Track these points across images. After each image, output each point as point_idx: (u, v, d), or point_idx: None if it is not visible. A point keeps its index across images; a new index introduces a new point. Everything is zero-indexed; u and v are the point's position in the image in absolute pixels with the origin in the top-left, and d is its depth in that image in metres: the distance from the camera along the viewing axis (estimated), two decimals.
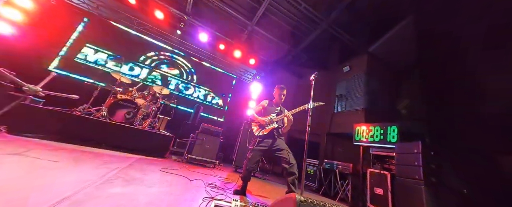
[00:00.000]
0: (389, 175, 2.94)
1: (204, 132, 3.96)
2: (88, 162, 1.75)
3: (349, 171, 3.78)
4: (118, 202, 0.96)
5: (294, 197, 0.58)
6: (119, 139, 3.15)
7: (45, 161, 1.55)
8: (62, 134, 2.78)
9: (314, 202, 0.58)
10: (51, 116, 2.89)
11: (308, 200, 0.58)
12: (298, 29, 6.83)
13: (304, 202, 0.57)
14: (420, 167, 2.28)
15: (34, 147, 1.93)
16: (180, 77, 6.78)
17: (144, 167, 2.12)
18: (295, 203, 0.56)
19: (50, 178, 1.14)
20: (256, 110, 2.11)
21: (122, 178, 1.41)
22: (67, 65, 5.13)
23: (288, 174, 1.80)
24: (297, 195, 0.58)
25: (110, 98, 3.67)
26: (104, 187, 1.13)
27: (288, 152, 1.90)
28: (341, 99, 7.31)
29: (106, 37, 5.73)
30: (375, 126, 3.52)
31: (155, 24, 6.23)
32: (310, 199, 0.59)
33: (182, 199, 1.29)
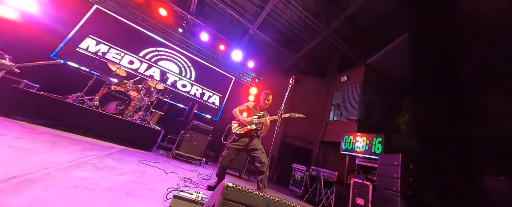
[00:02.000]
0: (371, 186, 2.93)
1: (194, 129, 3.99)
2: (66, 147, 1.78)
3: (334, 179, 3.77)
4: (74, 184, 0.98)
5: (223, 183, 0.60)
6: (107, 129, 3.19)
7: (25, 141, 1.59)
8: (51, 120, 2.83)
9: (241, 189, 0.61)
10: (42, 101, 2.94)
11: (236, 186, 0.61)
12: (298, 36, 6.94)
13: (232, 187, 0.60)
14: (398, 179, 2.28)
15: (19, 129, 1.97)
16: (178, 74, 6.87)
17: (123, 157, 2.14)
18: (223, 187, 0.59)
19: (19, 156, 1.18)
20: (240, 109, 2.16)
21: (93, 165, 1.44)
22: (68, 54, 5.24)
23: (259, 173, 1.82)
24: (226, 181, 0.61)
25: (104, 88, 3.73)
26: (69, 170, 1.16)
27: (262, 152, 1.93)
28: (337, 108, 7.34)
29: (109, 30, 5.87)
30: (362, 136, 3.53)
31: (158, 21, 6.38)
32: (238, 186, 0.61)
33: (146, 187, 1.31)
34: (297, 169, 4.86)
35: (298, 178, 4.73)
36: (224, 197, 0.59)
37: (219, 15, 6.45)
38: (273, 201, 0.63)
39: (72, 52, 5.30)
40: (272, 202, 0.62)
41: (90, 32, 5.60)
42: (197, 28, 6.41)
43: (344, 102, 6.94)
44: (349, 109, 6.61)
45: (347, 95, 6.92)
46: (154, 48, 6.58)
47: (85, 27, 5.54)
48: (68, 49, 5.28)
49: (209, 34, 6.41)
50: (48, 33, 4.99)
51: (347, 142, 3.88)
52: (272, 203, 0.62)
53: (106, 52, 5.69)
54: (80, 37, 5.47)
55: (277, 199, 0.64)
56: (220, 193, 0.60)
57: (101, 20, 5.80)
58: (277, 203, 0.63)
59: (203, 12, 6.58)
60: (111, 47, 5.85)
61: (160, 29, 6.67)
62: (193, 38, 6.89)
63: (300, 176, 4.69)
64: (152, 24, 6.50)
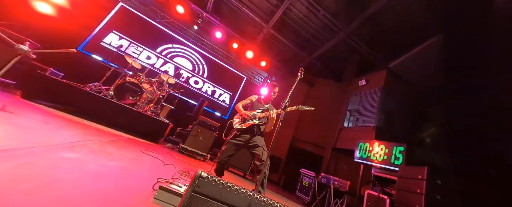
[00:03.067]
0: (388, 201, 2.59)
1: (200, 125, 3.96)
2: (71, 130, 1.81)
3: (346, 189, 3.44)
4: (57, 164, 0.94)
5: (196, 172, 0.48)
6: (118, 118, 3.28)
7: (34, 121, 1.64)
8: (69, 105, 2.98)
9: (217, 181, 0.48)
10: (63, 88, 3.12)
11: (211, 178, 0.48)
12: (314, 36, 6.68)
13: (205, 178, 0.47)
14: (423, 196, 1.95)
15: (36, 111, 2.07)
16: (192, 70, 7.01)
17: (125, 145, 2.14)
18: (195, 177, 0.46)
19: (18, 134, 1.18)
20: (244, 103, 2.03)
21: (89, 148, 1.42)
22: (93, 47, 5.63)
23: (258, 172, 1.66)
24: (200, 169, 0.49)
25: (119, 79, 3.88)
26: (59, 150, 1.13)
27: (263, 150, 1.76)
28: (353, 113, 6.87)
29: (131, 26, 6.21)
30: (380, 144, 3.18)
31: (176, 18, 6.59)
32: (214, 178, 0.48)
33: (136, 175, 1.24)
34: (305, 174, 4.58)
35: (306, 184, 4.44)
36: (194, 189, 0.46)
37: (234, 13, 6.47)
38: (257, 201, 0.49)
39: (96, 46, 5.69)
40: (255, 202, 0.48)
41: (113, 28, 5.98)
42: (212, 26, 6.50)
43: (361, 108, 6.46)
44: (366, 115, 6.13)
45: (365, 101, 6.44)
46: (171, 44, 6.81)
47: (109, 23, 5.93)
48: (94, 43, 5.68)
49: (223, 32, 6.45)
50: (77, 27, 5.42)
51: (362, 150, 3.54)
52: (255, 203, 0.48)
53: (126, 46, 6.02)
54: (105, 32, 5.86)
55: (262, 198, 0.50)
56: (190, 184, 0.47)
57: (124, 17, 6.16)
58: (262, 203, 0.48)
59: (218, 10, 6.66)
60: (132, 42, 6.17)
61: (177, 27, 6.89)
62: (207, 36, 7.00)
63: (308, 182, 4.40)
64: (170, 21, 6.74)
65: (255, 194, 0.51)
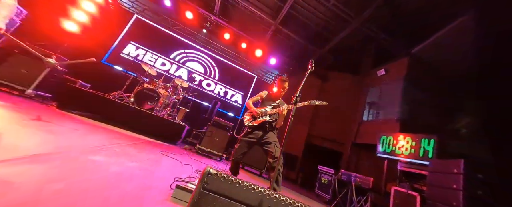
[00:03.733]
0: (419, 198, 2.37)
1: (215, 125, 4.05)
2: (99, 135, 1.97)
3: (369, 186, 3.23)
4: (84, 166, 1.02)
5: (204, 168, 0.47)
6: (139, 123, 3.49)
7: (65, 128, 1.82)
8: (96, 113, 3.26)
9: (227, 178, 0.46)
10: (91, 97, 3.41)
11: (220, 174, 0.46)
12: (325, 28, 6.39)
13: (214, 175, 0.46)
14: (460, 192, 1.75)
15: (68, 119, 2.29)
16: (204, 73, 7.21)
17: (146, 147, 2.27)
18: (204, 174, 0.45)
19: (51, 139, 1.31)
20: (254, 100, 2.01)
21: (113, 151, 1.53)
22: (114, 58, 6.09)
23: (272, 169, 1.62)
24: (208, 166, 0.48)
25: (138, 86, 4.14)
26: (87, 154, 1.23)
27: (275, 146, 1.72)
28: (373, 106, 6.46)
29: (146, 35, 6.58)
30: (406, 137, 2.92)
31: (186, 24, 6.82)
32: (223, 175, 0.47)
33: (154, 176, 1.30)
34: (324, 172, 4.42)
35: (325, 181, 4.29)
36: (203, 186, 0.45)
37: (241, 13, 6.48)
38: (268, 197, 0.46)
39: (117, 57, 6.14)
40: (266, 198, 0.45)
41: (131, 39, 6.39)
42: (220, 28, 6.59)
43: (382, 100, 6.03)
44: (388, 107, 5.71)
45: (386, 92, 6.00)
46: (183, 50, 7.07)
47: (127, 35, 6.35)
48: (115, 54, 6.13)
49: (231, 33, 6.51)
50: (100, 42, 5.90)
51: (385, 144, 3.29)
52: (266, 200, 0.45)
53: (143, 55, 6.40)
54: (123, 43, 6.29)
55: (275, 195, 0.47)
56: (199, 181, 0.47)
57: (140, 28, 6.55)
58: (274, 199, 0.46)
59: (226, 12, 6.72)
60: (147, 51, 6.54)
61: (188, 32, 7.13)
62: (216, 38, 7.11)
63: (327, 179, 4.24)
64: (181, 27, 6.99)
65: (266, 190, 0.49)
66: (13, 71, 2.81)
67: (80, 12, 5.22)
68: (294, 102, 1.29)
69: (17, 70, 2.82)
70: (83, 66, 4.36)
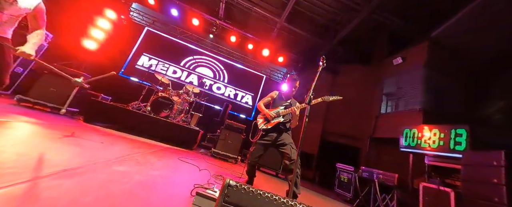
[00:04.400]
0: (453, 194, 2.18)
1: (228, 128, 4.09)
2: (121, 145, 2.09)
3: (394, 183, 3.05)
4: (111, 177, 1.08)
5: (224, 180, 0.46)
6: (156, 130, 3.65)
7: (90, 141, 1.95)
8: (117, 124, 3.46)
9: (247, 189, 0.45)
10: (112, 109, 3.64)
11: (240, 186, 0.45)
12: (332, 20, 6.16)
13: (234, 187, 0.45)
14: (503, 187, 1.57)
15: (93, 131, 2.47)
16: (213, 77, 7.34)
17: (165, 154, 2.36)
18: (224, 186, 0.45)
19: (80, 152, 1.42)
20: (265, 101, 1.99)
21: (136, 160, 1.61)
22: (130, 70, 6.45)
23: (289, 171, 1.59)
24: (228, 178, 0.47)
25: (153, 96, 4.33)
26: (113, 164, 1.30)
27: (291, 148, 1.68)
28: (391, 97, 6.10)
29: (157, 46, 6.88)
30: (432, 129, 2.71)
31: (193, 31, 7.00)
32: (243, 186, 0.46)
33: (175, 183, 1.34)
34: (342, 169, 4.27)
35: (345, 179, 4.13)
36: (224, 199, 0.45)
37: (246, 14, 6.49)
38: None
39: (132, 69, 6.48)
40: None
41: (144, 51, 6.72)
42: (226, 32, 6.67)
43: (401, 90, 5.67)
44: (408, 97, 5.35)
45: (404, 81, 5.63)
46: (192, 56, 7.27)
47: (140, 47, 6.69)
48: (130, 67, 6.49)
49: (237, 36, 6.55)
50: (116, 56, 6.28)
51: (409, 137, 3.08)
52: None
53: (155, 65, 6.70)
54: (137, 56, 6.63)
55: (299, 205, 0.45)
56: (220, 193, 0.46)
57: (151, 39, 6.86)
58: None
59: (230, 15, 6.78)
60: (159, 60, 6.82)
61: (195, 39, 7.31)
62: (223, 42, 7.21)
63: (347, 177, 4.09)
64: (189, 35, 7.20)
65: (289, 201, 0.47)
66: (44, 90, 3.10)
67: (98, 30, 5.61)
68: (307, 102, 1.25)
69: (47, 89, 3.10)
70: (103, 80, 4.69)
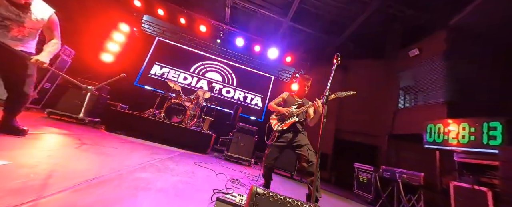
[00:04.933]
0: (491, 194, 1.99)
1: (240, 131, 4.11)
2: (140, 152, 2.17)
3: (420, 182, 2.85)
4: (136, 184, 1.12)
5: (251, 188, 0.45)
6: (171, 136, 3.76)
7: (112, 149, 2.06)
8: (135, 131, 3.63)
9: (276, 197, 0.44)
10: (130, 118, 3.82)
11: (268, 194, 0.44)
12: (340, 15, 6.00)
13: (262, 195, 0.44)
14: None
15: (114, 140, 2.60)
16: (222, 81, 7.45)
17: (181, 160, 2.42)
18: (251, 194, 0.44)
19: (106, 161, 1.49)
20: (276, 102, 1.96)
21: (156, 167, 1.66)
22: (144, 80, 6.75)
23: (307, 174, 1.54)
24: (254, 186, 0.46)
25: (166, 102, 4.49)
26: (136, 172, 1.36)
27: (308, 149, 1.63)
28: (408, 91, 5.77)
29: (168, 54, 7.15)
30: (460, 123, 2.50)
31: (201, 38, 7.19)
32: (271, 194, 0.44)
33: (195, 188, 1.36)
34: (361, 169, 4.09)
35: (364, 180, 3.95)
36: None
37: (251, 17, 6.54)
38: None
39: (146, 78, 6.79)
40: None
41: (156, 60, 7.01)
42: (233, 35, 6.76)
43: (419, 82, 5.34)
44: (428, 90, 5.02)
45: (422, 73, 5.30)
46: (201, 62, 7.45)
47: (152, 56, 6.99)
48: (144, 76, 6.80)
49: (244, 38, 6.61)
50: (131, 66, 6.62)
51: (433, 133, 2.87)
52: None
53: (167, 73, 6.95)
54: (150, 65, 6.94)
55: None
56: (248, 202, 0.45)
57: (162, 48, 7.15)
58: None
59: (236, 19, 6.87)
60: (171, 68, 7.08)
61: (203, 45, 7.50)
62: (230, 45, 7.31)
63: (367, 177, 3.90)
64: (197, 41, 7.40)
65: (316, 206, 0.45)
66: (70, 102, 3.34)
67: (113, 44, 5.96)
68: (324, 102, 1.21)
69: (72, 102, 3.34)
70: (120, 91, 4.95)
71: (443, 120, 2.79)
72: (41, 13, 1.46)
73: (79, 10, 5.27)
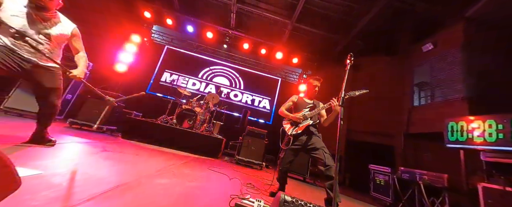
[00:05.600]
0: None
1: (250, 135, 4.12)
2: (156, 158, 2.24)
3: (444, 184, 2.69)
4: (157, 190, 1.15)
5: (279, 196, 0.45)
6: (184, 141, 3.84)
7: (131, 155, 2.14)
8: (150, 138, 3.74)
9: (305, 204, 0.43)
10: (144, 125, 3.95)
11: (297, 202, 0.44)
12: (347, 13, 5.90)
13: (290, 203, 0.43)
14: None
15: (131, 147, 2.71)
16: (229, 85, 7.54)
17: (195, 165, 2.46)
18: (279, 202, 0.44)
19: (127, 168, 1.56)
20: (286, 107, 1.95)
21: (172, 172, 1.70)
22: (156, 87, 7.00)
23: (325, 178, 1.50)
24: (282, 193, 0.45)
25: (177, 109, 4.61)
26: (154, 178, 1.40)
27: (324, 152, 1.60)
28: (423, 88, 5.51)
29: (177, 62, 7.37)
30: (485, 119, 2.35)
31: (208, 44, 7.36)
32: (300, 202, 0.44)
33: (211, 194, 1.37)
34: (377, 171, 3.93)
35: (381, 182, 3.79)
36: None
37: (256, 20, 6.61)
38: None
39: (158, 85, 7.03)
40: None
41: (166, 67, 7.25)
42: (238, 40, 6.86)
43: (435, 78, 5.09)
44: (445, 85, 4.78)
45: (439, 68, 5.06)
46: (208, 67, 7.60)
47: (162, 64, 7.24)
48: (155, 84, 7.05)
49: (250, 42, 6.68)
50: (142, 74, 6.90)
51: (456, 131, 2.71)
52: None
53: (176, 79, 7.16)
54: (161, 73, 7.19)
55: None
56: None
57: (171, 56, 7.39)
58: None
59: (241, 23, 6.97)
60: (180, 75, 7.28)
61: (210, 51, 7.66)
62: (236, 50, 7.41)
63: (384, 179, 3.75)
64: (204, 48, 7.58)
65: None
66: (89, 112, 3.52)
67: (126, 54, 6.26)
68: (341, 103, 1.18)
69: (91, 111, 3.52)
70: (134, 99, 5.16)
71: (465, 117, 2.63)
72: (66, 28, 1.58)
73: (96, 25, 5.61)
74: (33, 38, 1.34)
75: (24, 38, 1.26)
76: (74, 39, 1.64)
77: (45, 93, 1.52)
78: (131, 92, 5.20)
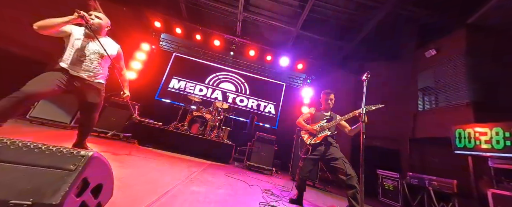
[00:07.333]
0: None
1: (259, 141, 4.22)
2: (178, 165, 2.35)
3: (453, 190, 2.77)
4: (196, 198, 1.26)
5: None
6: (196, 148, 3.96)
7: (155, 163, 2.26)
8: (164, 144, 3.86)
9: None
10: (157, 131, 4.08)
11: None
12: (351, 21, 6.07)
13: None
14: None
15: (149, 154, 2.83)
16: (235, 91, 7.69)
17: (213, 171, 2.56)
18: None
19: (159, 176, 1.67)
20: (304, 118, 2.07)
21: (199, 180, 1.81)
22: (164, 94, 7.16)
23: (347, 187, 1.60)
24: None
25: (188, 115, 4.74)
26: (188, 185, 1.51)
27: (344, 162, 1.70)
28: (428, 93, 5.60)
29: (184, 68, 7.56)
30: (492, 127, 2.44)
31: (214, 51, 7.55)
32: None
33: (241, 201, 1.47)
34: (385, 176, 4.00)
35: (390, 187, 3.86)
36: None
37: (261, 28, 6.80)
38: None
39: (166, 92, 7.19)
40: None
41: (173, 74, 7.43)
42: (244, 47, 7.04)
43: (439, 83, 5.19)
44: (449, 90, 4.88)
45: (442, 73, 5.17)
46: (215, 74, 7.77)
47: (170, 71, 7.43)
48: (163, 90, 7.21)
49: (255, 49, 6.85)
50: (151, 81, 7.08)
51: (464, 138, 2.80)
52: None
53: (184, 86, 7.33)
54: (169, 79, 7.36)
55: None
56: None
57: (178, 63, 7.58)
58: None
59: (247, 31, 7.17)
60: (187, 81, 7.45)
61: (217, 57, 7.85)
62: (242, 56, 7.59)
63: (392, 185, 3.82)
64: (211, 54, 7.77)
65: None
66: (107, 120, 3.66)
67: (136, 62, 6.45)
68: (363, 120, 1.30)
69: (109, 119, 3.67)
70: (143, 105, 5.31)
71: (472, 125, 2.73)
72: (112, 48, 1.74)
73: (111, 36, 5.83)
74: (89, 58, 1.50)
75: (81, 58, 1.42)
76: (118, 57, 1.80)
77: (90, 108, 1.66)
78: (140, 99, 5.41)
